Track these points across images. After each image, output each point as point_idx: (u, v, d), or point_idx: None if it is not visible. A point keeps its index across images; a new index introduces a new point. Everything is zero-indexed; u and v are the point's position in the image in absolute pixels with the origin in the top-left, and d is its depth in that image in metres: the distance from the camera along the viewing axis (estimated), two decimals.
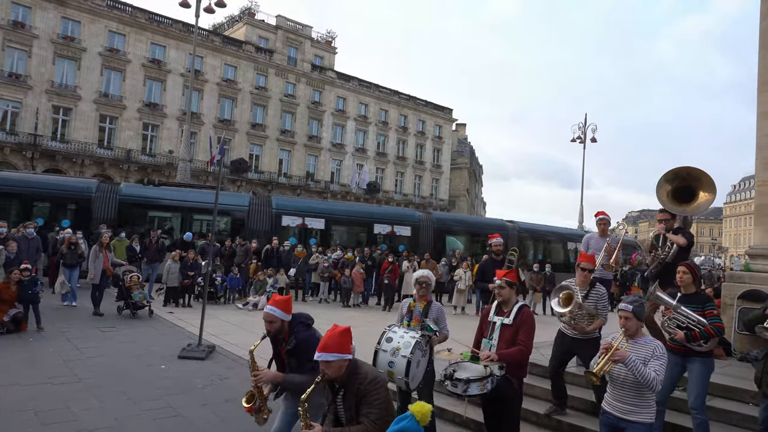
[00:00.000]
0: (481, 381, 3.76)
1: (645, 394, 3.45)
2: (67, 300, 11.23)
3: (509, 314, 4.22)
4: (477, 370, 3.81)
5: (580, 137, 29.89)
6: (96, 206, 16.47)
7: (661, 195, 6.19)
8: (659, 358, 3.44)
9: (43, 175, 24.01)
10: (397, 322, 4.96)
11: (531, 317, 4.28)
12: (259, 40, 41.82)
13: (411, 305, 4.89)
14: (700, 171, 6.12)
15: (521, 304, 4.29)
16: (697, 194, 6.09)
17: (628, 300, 3.68)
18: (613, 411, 3.56)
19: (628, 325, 3.55)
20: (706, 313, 4.45)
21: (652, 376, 3.33)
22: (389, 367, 4.34)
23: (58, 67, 32.00)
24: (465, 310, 14.87)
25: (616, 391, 3.56)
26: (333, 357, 2.93)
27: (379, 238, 20.73)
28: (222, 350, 8.43)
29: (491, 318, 4.36)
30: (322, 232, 19.59)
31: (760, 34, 7.23)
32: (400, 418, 2.48)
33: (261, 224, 18.33)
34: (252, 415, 3.82)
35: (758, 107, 7.13)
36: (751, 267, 7.17)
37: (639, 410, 3.45)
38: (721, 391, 5.24)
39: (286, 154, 42.38)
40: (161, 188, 19.04)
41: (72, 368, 6.86)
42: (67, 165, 31.82)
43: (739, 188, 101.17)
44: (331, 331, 3.05)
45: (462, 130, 61.70)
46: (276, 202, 19.51)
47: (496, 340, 4.18)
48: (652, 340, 3.63)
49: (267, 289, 13.57)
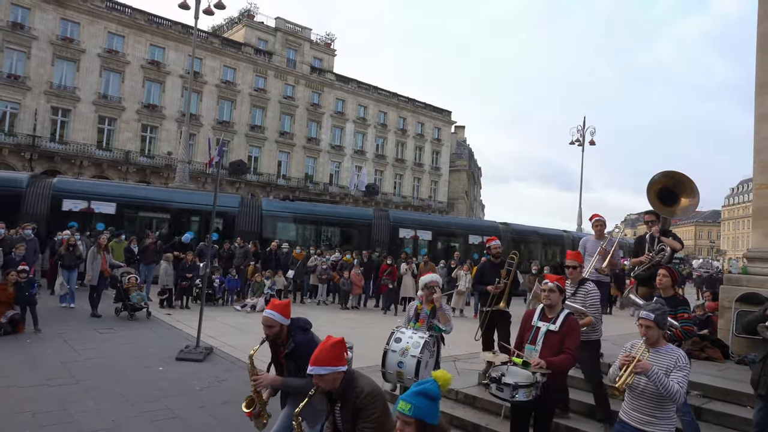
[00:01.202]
0: (528, 388, 3.65)
1: (666, 405, 3.28)
2: (65, 302, 11.21)
3: (555, 321, 4.06)
4: (526, 376, 3.70)
5: (579, 140, 29.93)
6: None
7: (650, 197, 6.33)
8: (682, 368, 3.26)
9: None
10: (404, 323, 5.00)
11: (578, 325, 4.16)
12: (259, 42, 41.85)
13: (418, 308, 4.92)
14: (683, 176, 6.35)
15: (568, 312, 4.15)
16: (679, 198, 6.28)
17: (650, 308, 3.47)
18: (630, 421, 3.37)
19: (649, 334, 3.36)
20: (678, 316, 4.53)
21: (675, 388, 3.16)
22: (398, 367, 4.34)
23: (57, 68, 32.00)
24: (464, 313, 14.88)
25: (635, 401, 3.36)
26: (326, 370, 2.88)
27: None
28: (220, 352, 8.42)
29: (535, 323, 4.16)
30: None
31: (758, 37, 7.26)
32: (423, 381, 2.46)
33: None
34: (252, 420, 3.83)
35: (756, 110, 7.15)
36: (749, 270, 7.18)
37: (658, 422, 3.28)
38: (718, 394, 5.25)
39: (285, 155, 42.39)
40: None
41: (69, 370, 6.85)
42: (66, 166, 31.79)
43: (737, 191, 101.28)
44: (323, 343, 2.99)
45: (461, 133, 61.76)
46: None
47: (540, 346, 4.02)
48: (674, 349, 3.43)
49: (265, 291, 13.56)
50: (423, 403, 2.31)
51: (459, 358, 7.68)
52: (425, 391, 2.34)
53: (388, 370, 4.45)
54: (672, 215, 6.64)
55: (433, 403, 2.34)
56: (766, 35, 7.10)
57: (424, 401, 2.32)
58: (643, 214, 6.56)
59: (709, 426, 4.84)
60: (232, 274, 14.13)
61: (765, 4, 7.20)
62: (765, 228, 6.97)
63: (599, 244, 6.50)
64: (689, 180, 6.31)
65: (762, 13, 7.24)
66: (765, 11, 7.18)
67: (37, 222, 14.52)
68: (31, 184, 16.47)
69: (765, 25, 7.14)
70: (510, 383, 3.63)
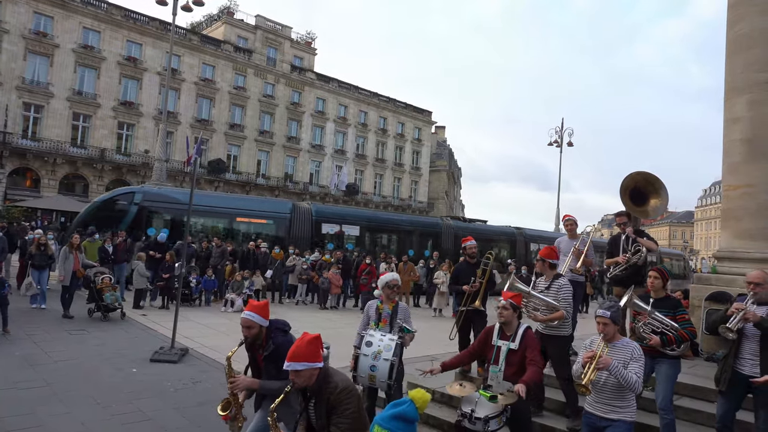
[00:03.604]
0: (498, 417, 3.75)
1: (626, 395, 3.57)
2: (36, 302, 10.94)
3: (514, 338, 4.13)
4: (494, 407, 3.78)
5: (558, 141, 30.33)
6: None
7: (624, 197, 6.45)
8: (638, 360, 3.57)
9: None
10: (362, 324, 4.99)
11: (534, 338, 4.25)
12: (238, 39, 41.46)
13: (379, 307, 4.91)
14: (654, 177, 6.46)
15: (526, 327, 4.20)
16: (648, 199, 6.41)
17: (605, 306, 3.75)
18: (595, 412, 3.67)
19: (606, 330, 3.64)
20: (678, 317, 4.58)
21: (634, 379, 3.46)
22: (371, 371, 4.34)
23: (30, 63, 31.22)
24: (443, 312, 14.96)
25: (598, 394, 3.66)
26: (302, 366, 2.89)
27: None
28: (196, 353, 8.31)
29: (495, 342, 4.22)
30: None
31: (727, 42, 7.43)
32: (399, 402, 2.35)
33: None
34: (227, 423, 3.79)
35: (725, 113, 7.32)
36: (718, 269, 7.35)
37: (620, 410, 3.58)
38: (688, 390, 5.36)
39: (265, 155, 42.06)
40: None
41: (39, 372, 6.68)
42: (38, 164, 31.06)
43: (709, 192, 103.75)
44: (300, 339, 3.00)
45: (441, 133, 62.05)
46: None
47: (503, 365, 4.09)
48: (629, 342, 3.72)
49: (243, 290, 13.43)
50: (399, 427, 2.20)
51: (436, 358, 7.70)
52: (402, 414, 2.23)
53: (359, 374, 4.45)
54: (645, 216, 6.74)
55: (410, 426, 2.23)
56: (735, 40, 7.27)
57: (399, 425, 2.20)
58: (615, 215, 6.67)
59: (679, 422, 4.93)
60: (209, 274, 13.96)
61: (734, 10, 7.38)
62: (733, 228, 7.14)
63: (572, 244, 6.59)
64: (658, 180, 6.42)
65: (731, 20, 7.41)
66: (734, 17, 7.36)
67: (298, 244, 17.32)
68: (294, 210, 19.35)
69: (734, 30, 7.32)
70: (481, 417, 3.70)
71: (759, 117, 6.83)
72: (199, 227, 18.50)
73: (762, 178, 6.72)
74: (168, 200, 17.58)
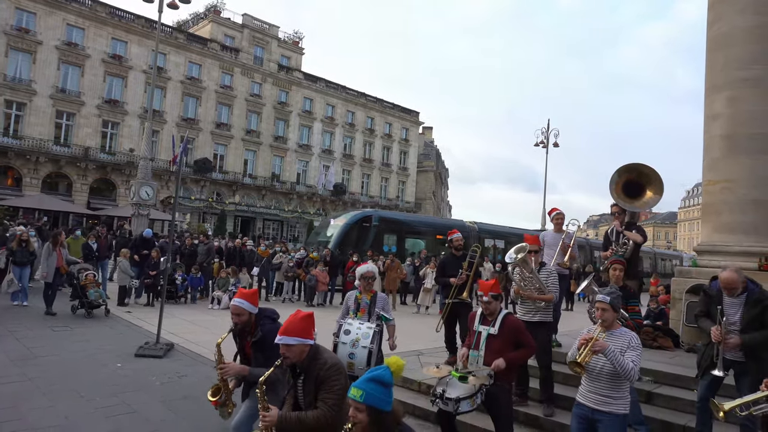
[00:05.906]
0: (471, 398, 3.76)
1: (621, 384, 3.47)
2: (17, 299, 10.78)
3: (494, 323, 4.21)
4: (466, 388, 3.80)
5: (543, 142, 30.56)
6: None
7: (614, 189, 6.47)
8: (635, 348, 3.45)
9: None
10: (342, 314, 5.05)
11: (517, 322, 4.32)
12: (225, 38, 41.23)
13: (358, 297, 4.99)
14: (651, 169, 6.44)
15: (505, 312, 4.30)
16: (644, 191, 6.41)
17: (606, 291, 3.68)
18: (587, 402, 3.54)
19: (605, 317, 3.54)
20: (628, 308, 4.75)
21: (630, 366, 3.35)
22: (349, 358, 4.39)
23: (12, 59, 30.75)
24: (428, 310, 15.01)
25: (592, 383, 3.53)
26: (294, 341, 2.92)
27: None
28: (181, 348, 8.26)
29: (476, 327, 4.31)
30: None
31: (707, 41, 7.59)
32: (375, 368, 2.43)
33: None
34: (217, 408, 3.81)
35: (705, 110, 7.47)
36: (698, 263, 7.49)
37: (614, 401, 3.45)
38: (668, 379, 5.48)
39: (252, 154, 41.87)
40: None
41: (21, 368, 6.59)
42: (20, 162, 30.60)
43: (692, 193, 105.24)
44: (293, 315, 3.04)
45: (429, 133, 62.25)
46: None
47: (483, 350, 4.16)
48: (627, 331, 3.61)
49: (229, 288, 13.36)
50: (375, 389, 2.27)
51: (423, 352, 7.74)
52: (377, 378, 2.30)
53: None
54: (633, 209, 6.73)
55: (385, 389, 2.29)
56: (715, 39, 7.42)
57: (376, 387, 2.27)
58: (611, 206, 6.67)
59: (660, 409, 5.05)
60: (195, 271, 13.87)
61: (714, 9, 7.53)
62: (713, 222, 7.28)
63: (558, 237, 6.68)
64: (655, 172, 6.40)
65: (711, 19, 7.56)
66: (714, 17, 7.51)
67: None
68: (464, 228, 21.93)
69: (714, 29, 7.47)
70: (452, 397, 3.73)
71: (738, 114, 6.98)
72: (410, 243, 22.69)
73: (741, 173, 6.86)
74: (394, 221, 23.34)
